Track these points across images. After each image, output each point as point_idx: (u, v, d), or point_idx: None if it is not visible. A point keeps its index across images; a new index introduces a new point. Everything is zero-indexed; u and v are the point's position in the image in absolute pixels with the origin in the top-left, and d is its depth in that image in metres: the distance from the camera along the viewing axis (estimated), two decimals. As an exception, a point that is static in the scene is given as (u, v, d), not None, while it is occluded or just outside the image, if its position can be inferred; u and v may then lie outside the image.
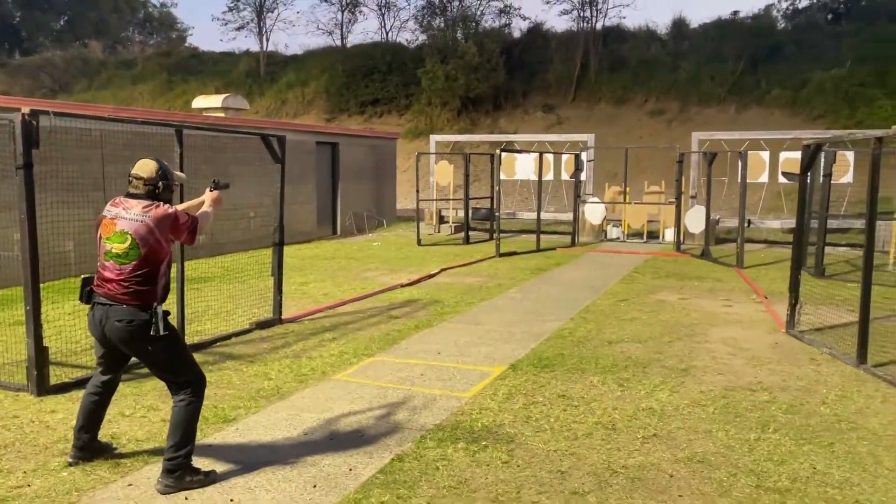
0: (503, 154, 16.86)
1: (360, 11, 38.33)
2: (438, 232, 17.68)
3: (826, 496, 3.65)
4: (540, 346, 6.64)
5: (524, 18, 49.22)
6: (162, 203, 3.73)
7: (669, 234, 15.48)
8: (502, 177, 17.48)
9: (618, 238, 16.54)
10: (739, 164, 12.39)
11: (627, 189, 16.53)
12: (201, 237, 4.09)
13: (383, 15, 37.26)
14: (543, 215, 18.13)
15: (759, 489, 3.71)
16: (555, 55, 31.78)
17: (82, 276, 3.78)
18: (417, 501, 3.54)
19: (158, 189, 3.74)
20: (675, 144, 17.50)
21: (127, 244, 3.60)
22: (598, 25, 32.94)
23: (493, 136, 24.32)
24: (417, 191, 15.30)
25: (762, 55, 28.66)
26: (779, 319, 7.72)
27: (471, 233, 16.24)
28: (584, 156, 16.52)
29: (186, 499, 3.55)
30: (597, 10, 32.71)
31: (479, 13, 33.40)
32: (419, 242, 14.97)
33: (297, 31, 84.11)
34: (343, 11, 37.27)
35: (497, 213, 14.03)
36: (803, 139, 8.34)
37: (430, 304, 8.75)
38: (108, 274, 3.63)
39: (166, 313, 3.65)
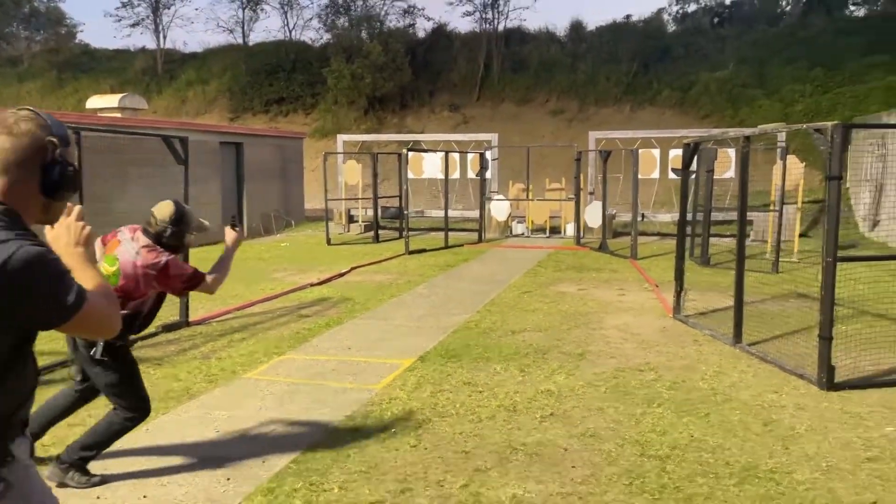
0: (410, 153, 17.12)
1: (262, 9, 37.64)
2: (348, 231, 17.75)
3: (701, 460, 4.07)
4: (447, 339, 6.91)
5: (428, 19, 49.81)
6: (161, 250, 3.69)
7: (571, 229, 16.16)
8: (410, 176, 17.72)
9: (522, 234, 17.12)
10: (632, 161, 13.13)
11: (530, 187, 17.14)
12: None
13: (286, 13, 36.75)
14: (451, 213, 18.50)
15: (643, 457, 4.10)
16: (459, 55, 32.33)
17: None
18: (329, 486, 3.71)
19: (165, 235, 3.72)
20: (573, 143, 18.26)
21: (113, 269, 3.63)
22: (500, 27, 33.75)
23: (401, 136, 24.55)
24: (326, 190, 15.33)
25: (654, 57, 30.17)
26: (667, 306, 8.30)
27: (380, 231, 16.40)
28: (488, 155, 17.00)
29: (98, 497, 3.59)
30: (498, 12, 33.50)
31: (383, 13, 33.57)
32: (329, 242, 15.01)
33: (196, 29, 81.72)
34: (244, 9, 36.53)
35: (405, 212, 14.25)
36: (689, 137, 9.00)
37: (341, 301, 8.88)
38: None
39: (120, 344, 3.60)
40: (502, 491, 3.67)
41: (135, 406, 3.72)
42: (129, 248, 3.67)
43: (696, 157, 11.06)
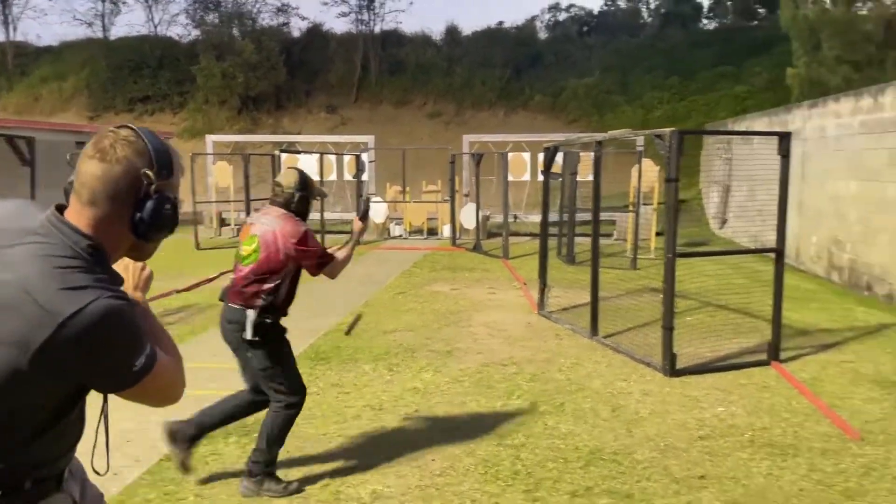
0: (284, 155, 16.82)
1: (124, 2, 35.74)
2: (220, 235, 17.19)
3: (553, 446, 4.31)
4: (317, 341, 6.89)
5: (303, 18, 49.03)
6: (298, 219, 3.67)
7: (447, 231, 16.46)
8: (284, 178, 17.53)
9: (400, 235, 17.25)
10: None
11: (407, 189, 17.30)
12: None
13: (150, 7, 35.06)
14: (330, 215, 18.36)
15: (500, 446, 4.29)
16: (336, 56, 32.11)
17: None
18: (185, 495, 3.64)
19: (294, 201, 3.68)
20: (448, 146, 18.60)
21: (252, 246, 3.62)
22: (377, 29, 33.82)
23: (276, 137, 24.06)
24: (193, 193, 14.78)
25: (526, 63, 31.27)
26: (534, 303, 8.67)
27: (254, 235, 15.96)
28: (365, 157, 17.00)
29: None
30: (374, 14, 33.55)
31: (255, 10, 32.75)
32: (198, 247, 14.49)
33: (51, 21, 76.25)
34: (104, 1, 34.52)
35: (279, 215, 14.00)
36: (555, 141, 9.44)
37: (208, 308, 8.61)
38: (234, 275, 3.67)
39: (270, 321, 3.59)
40: (362, 488, 3.74)
41: (293, 389, 3.69)
42: (265, 221, 3.66)
43: (561, 161, 11.60)
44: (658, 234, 14.63)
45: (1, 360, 1.37)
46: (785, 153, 5.91)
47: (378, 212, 16.94)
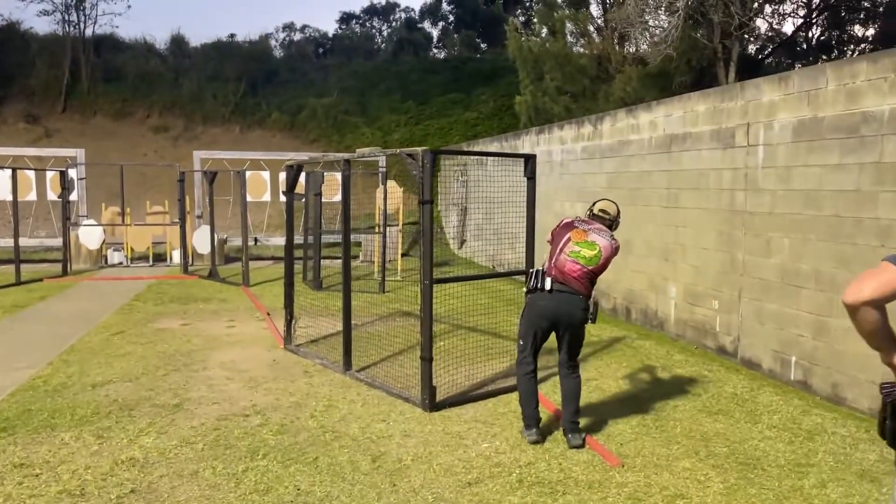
0: (-36, 170, 13.98)
1: None
2: None
3: (308, 516, 3.63)
4: (0, 404, 5.41)
5: (-5, 15, 42.30)
6: (615, 238, 4.75)
7: (177, 256, 14.84)
8: (-34, 198, 14.52)
9: (121, 263, 15.19)
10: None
11: (128, 210, 15.31)
12: None
13: None
14: (28, 241, 15.65)
15: (243, 528, 3.50)
16: (38, 60, 27.97)
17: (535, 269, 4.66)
18: None
19: (615, 226, 4.84)
20: (176, 163, 16.92)
21: (594, 252, 4.57)
22: (88, 32, 30.20)
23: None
24: None
25: (261, 79, 30.06)
26: (279, 335, 7.86)
27: (-78, 268, 12.93)
28: (72, 173, 14.72)
29: None
30: (85, 16, 29.93)
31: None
32: None
33: None
34: None
35: (-45, 243, 11.41)
36: (297, 160, 8.72)
37: None
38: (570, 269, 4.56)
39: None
40: None
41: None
42: (602, 236, 4.64)
43: (304, 181, 10.92)
44: (403, 254, 14.62)
45: None
46: (531, 175, 5.90)
47: (91, 236, 14.75)
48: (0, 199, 14.45)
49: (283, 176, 15.38)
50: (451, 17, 44.14)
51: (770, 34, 20.80)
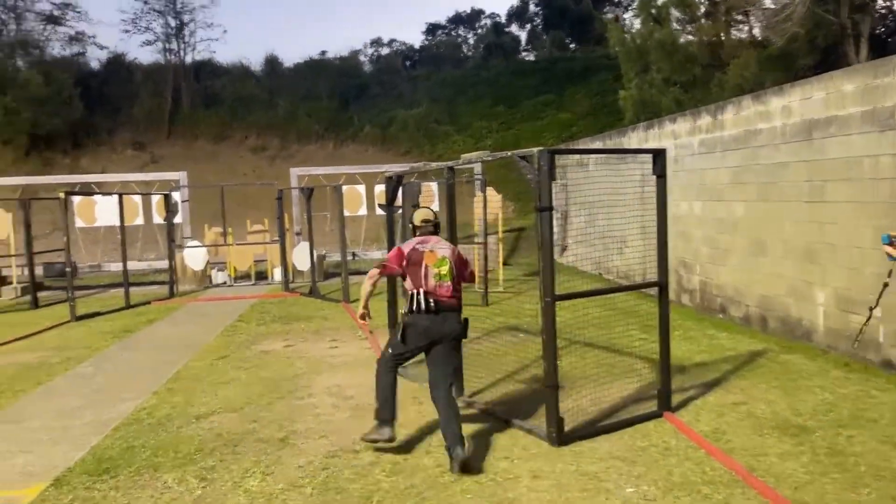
0: (77, 198, 14.50)
1: None
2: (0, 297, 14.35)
3: (435, 584, 3.09)
4: (104, 441, 5.20)
5: (101, 47, 44.77)
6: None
7: (279, 274, 14.85)
8: (80, 224, 15.05)
9: (224, 282, 15.35)
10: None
11: (229, 230, 15.49)
12: None
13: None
14: (138, 265, 16.11)
15: None
16: (142, 89, 29.27)
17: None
18: None
19: (439, 226, 5.22)
20: (274, 181, 17.03)
21: (446, 268, 4.89)
22: (188, 59, 31.39)
23: (71, 178, 21.03)
24: (-45, 249, 12.07)
25: (352, 94, 30.31)
26: (382, 356, 7.43)
27: (44, 293, 13.46)
28: (176, 196, 15.00)
29: None
30: (184, 44, 31.13)
31: (43, 39, 29.12)
32: (-37, 314, 11.81)
33: None
34: None
35: (68, 268, 11.70)
36: (396, 171, 8.35)
37: (-44, 402, 6.52)
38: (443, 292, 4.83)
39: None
40: None
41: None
42: (441, 247, 4.98)
43: (400, 192, 10.54)
44: (504, 264, 14.04)
45: None
46: (660, 172, 5.19)
47: (195, 258, 14.97)
48: (109, 224, 14.92)
49: (378, 189, 15.18)
50: (539, 19, 43.31)
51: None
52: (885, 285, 3.19)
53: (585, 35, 36.92)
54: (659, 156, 5.17)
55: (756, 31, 14.49)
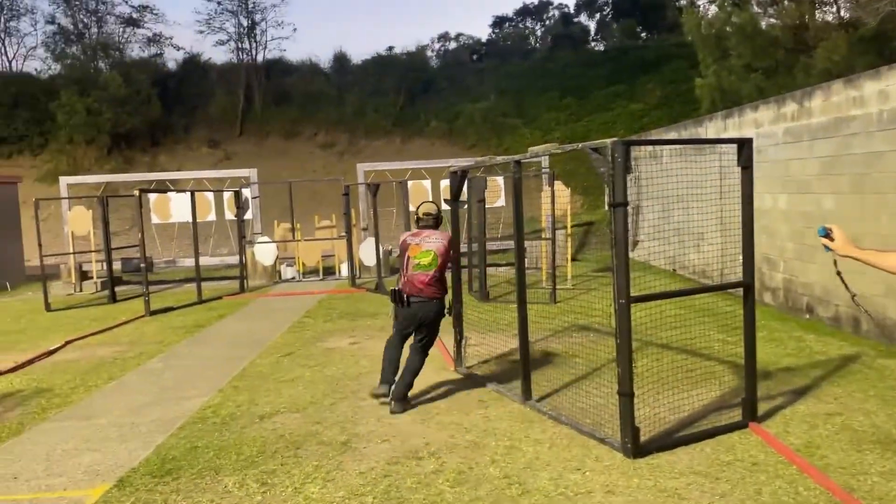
0: (153, 196, 14.90)
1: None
2: (80, 291, 14.87)
3: None
4: (168, 440, 5.18)
5: (178, 48, 46.23)
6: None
7: (345, 269, 14.89)
8: (156, 220, 15.45)
9: (293, 278, 15.50)
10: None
11: (297, 225, 15.62)
12: None
13: (3, 41, 31.76)
14: (210, 260, 16.41)
15: None
16: (216, 88, 30.01)
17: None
18: None
19: (440, 220, 5.93)
20: (340, 177, 17.09)
21: (429, 259, 5.70)
22: (260, 58, 32.00)
23: (150, 175, 21.75)
24: (39, 245, 12.53)
25: (418, 89, 30.26)
26: (448, 356, 7.25)
27: (123, 288, 13.88)
28: (247, 192, 15.22)
29: None
30: (256, 42, 31.73)
31: (122, 41, 30.20)
32: (48, 307, 12.26)
33: None
34: (-51, 35, 31.03)
35: (143, 264, 11.98)
36: (461, 166, 8.14)
37: (33, 396, 6.69)
38: (420, 280, 5.71)
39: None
40: None
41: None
42: (433, 241, 5.70)
43: (466, 187, 10.34)
44: (573, 259, 13.66)
45: None
46: (746, 164, 4.80)
47: (265, 253, 15.16)
48: (183, 220, 15.28)
49: (444, 183, 15.01)
50: (609, 8, 42.27)
51: None
52: (839, 273, 2.93)
53: (657, 23, 35.78)
54: (745, 145, 4.79)
55: (843, 13, 13.57)
